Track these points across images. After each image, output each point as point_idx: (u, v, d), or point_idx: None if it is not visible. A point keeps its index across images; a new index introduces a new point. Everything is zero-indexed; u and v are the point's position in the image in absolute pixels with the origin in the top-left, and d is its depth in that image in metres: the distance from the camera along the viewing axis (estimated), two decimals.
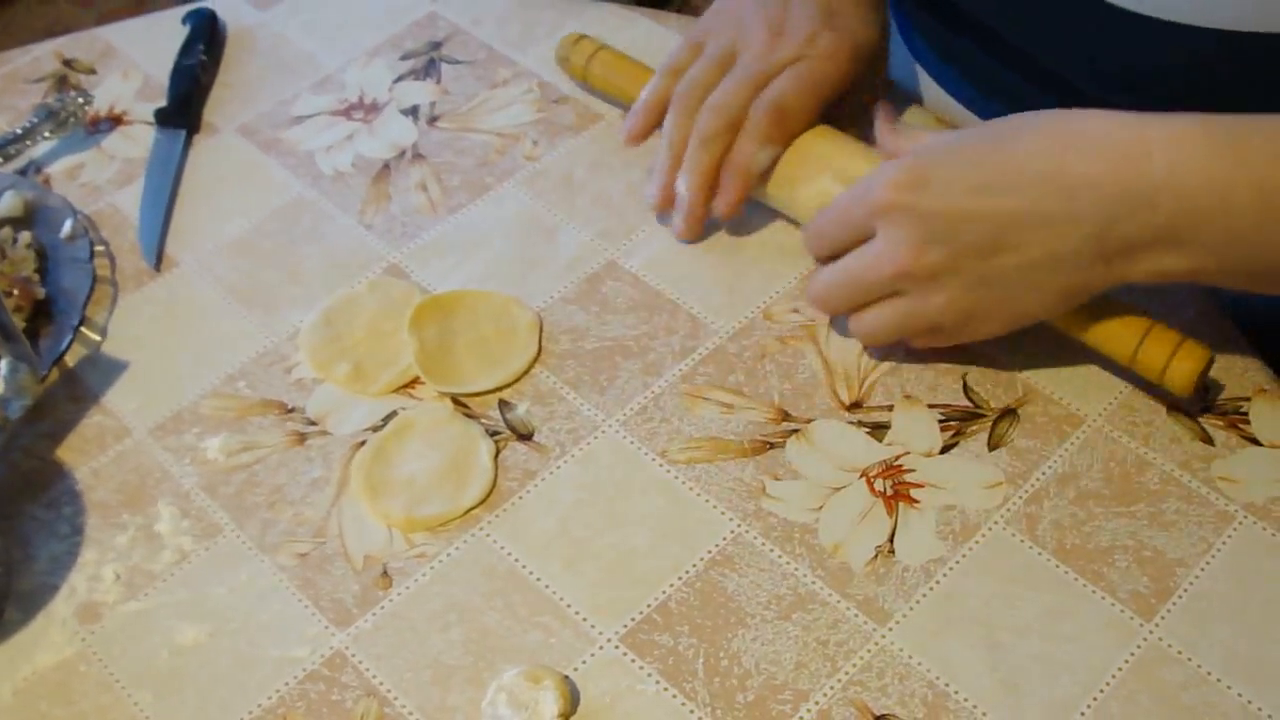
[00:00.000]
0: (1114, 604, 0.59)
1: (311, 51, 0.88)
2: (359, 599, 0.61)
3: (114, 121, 0.84)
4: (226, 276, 0.75)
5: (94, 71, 0.88)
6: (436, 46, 0.87)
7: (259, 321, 0.73)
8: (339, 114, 0.84)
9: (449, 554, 0.63)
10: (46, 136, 0.82)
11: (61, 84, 0.87)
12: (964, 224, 0.60)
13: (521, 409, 0.68)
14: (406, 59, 0.87)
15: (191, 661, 0.60)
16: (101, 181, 0.81)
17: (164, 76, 0.86)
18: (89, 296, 0.73)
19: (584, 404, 0.68)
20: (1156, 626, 0.59)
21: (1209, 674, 0.57)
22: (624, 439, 0.66)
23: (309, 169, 0.80)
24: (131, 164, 0.81)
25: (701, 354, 0.70)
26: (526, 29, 0.88)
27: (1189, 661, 0.57)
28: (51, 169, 0.82)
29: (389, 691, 0.58)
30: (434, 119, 0.83)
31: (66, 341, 0.71)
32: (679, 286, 0.73)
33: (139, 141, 0.83)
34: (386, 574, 0.62)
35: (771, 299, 0.72)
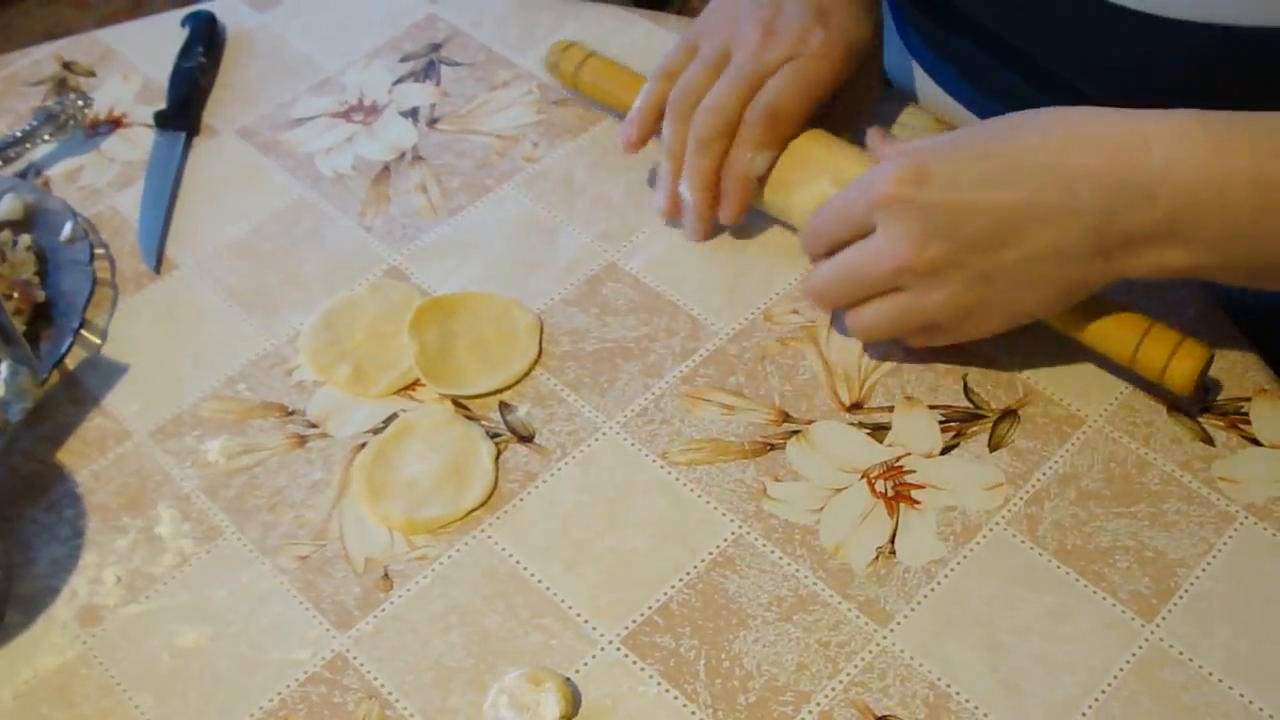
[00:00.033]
0: (1115, 604, 0.59)
1: (311, 54, 0.88)
2: (360, 601, 0.61)
3: (113, 124, 0.84)
4: (226, 279, 0.75)
5: (93, 74, 0.88)
6: (436, 48, 0.87)
7: (259, 324, 0.73)
8: (339, 116, 0.84)
9: (450, 556, 0.63)
10: (46, 139, 0.82)
11: (61, 87, 0.87)
12: (965, 217, 0.60)
13: (522, 411, 0.68)
14: (406, 61, 0.87)
15: (192, 664, 0.60)
16: (101, 184, 0.81)
17: (163, 79, 0.86)
18: (89, 299, 0.73)
19: (584, 406, 0.68)
20: (1158, 627, 0.59)
21: (1210, 674, 0.57)
22: (625, 441, 0.66)
23: (309, 171, 0.80)
24: (131, 166, 0.81)
25: (702, 355, 0.70)
26: (526, 31, 0.88)
27: (1190, 662, 0.57)
28: (51, 172, 0.82)
29: (390, 694, 0.58)
30: (434, 121, 0.83)
31: (67, 344, 0.71)
32: (679, 288, 0.73)
33: (138, 144, 0.83)
34: (387, 576, 0.62)
35: (772, 300, 0.72)
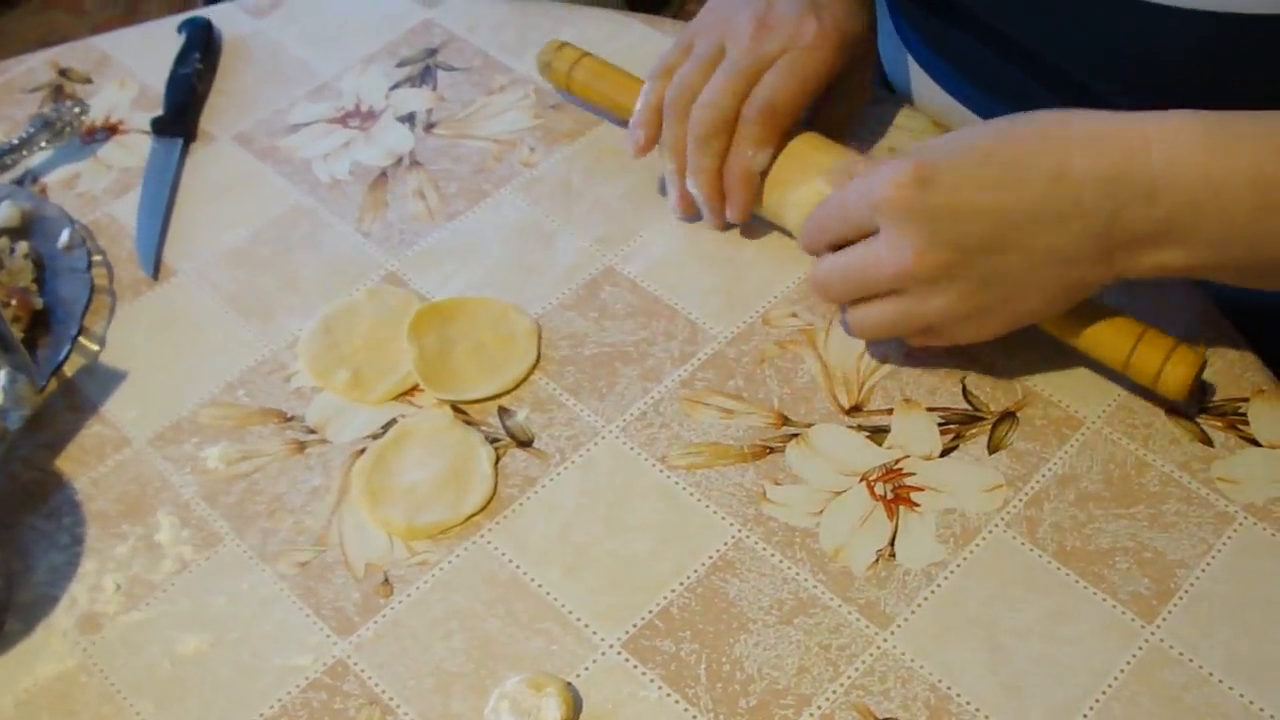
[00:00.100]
0: (1115, 606, 0.59)
1: (307, 59, 0.88)
2: (360, 607, 0.61)
3: (110, 131, 0.84)
4: (224, 285, 0.75)
5: (90, 81, 0.88)
6: (432, 53, 0.87)
7: (257, 330, 0.73)
8: (335, 122, 0.84)
9: (450, 561, 0.63)
10: (43, 146, 0.81)
11: (57, 94, 0.87)
12: (970, 221, 0.60)
13: (521, 415, 0.68)
14: (403, 66, 0.87)
15: (193, 671, 0.60)
16: (98, 191, 0.81)
17: (160, 85, 0.85)
18: (87, 306, 0.73)
19: (583, 410, 0.68)
20: (1158, 628, 0.59)
21: (1211, 675, 0.57)
22: (624, 445, 0.66)
23: (306, 177, 0.80)
24: (128, 173, 0.81)
25: (701, 359, 0.70)
26: (522, 35, 0.88)
27: (1190, 662, 0.58)
28: (48, 179, 0.82)
29: (391, 700, 0.58)
30: (431, 126, 0.83)
31: (65, 351, 0.71)
32: (677, 292, 0.73)
33: (135, 151, 0.83)
34: (387, 582, 0.62)
35: (770, 304, 0.72)
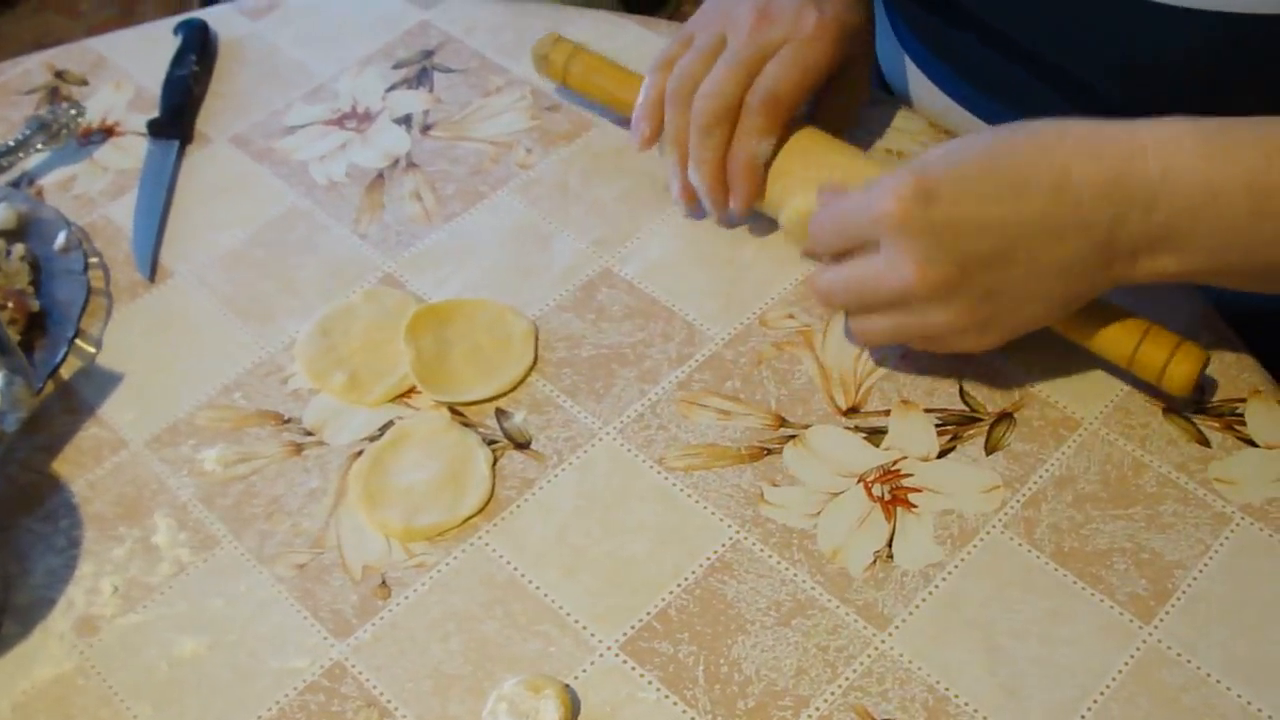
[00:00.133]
0: (1113, 606, 0.59)
1: (304, 61, 0.88)
2: (358, 609, 0.61)
3: (106, 133, 0.84)
4: (221, 287, 0.75)
5: (85, 83, 0.87)
6: (429, 55, 0.87)
7: (254, 332, 0.73)
8: (332, 123, 0.83)
9: (448, 563, 0.63)
10: (39, 148, 0.81)
11: (53, 96, 0.87)
12: (972, 236, 0.60)
13: (518, 417, 0.68)
14: (399, 68, 0.87)
15: (190, 673, 0.60)
16: (94, 193, 0.81)
17: (156, 87, 0.85)
18: (83, 309, 0.73)
19: (581, 412, 0.68)
20: (1155, 629, 0.59)
21: (1208, 675, 0.57)
22: (621, 446, 0.66)
23: (302, 179, 0.80)
24: (124, 175, 0.81)
25: (698, 361, 0.70)
26: (519, 37, 0.88)
27: (1188, 663, 0.58)
28: (44, 181, 0.81)
29: (389, 702, 0.58)
30: (427, 128, 0.83)
31: (61, 354, 0.71)
32: (674, 293, 0.73)
33: (131, 153, 0.83)
34: (385, 584, 0.62)
35: (767, 305, 0.72)
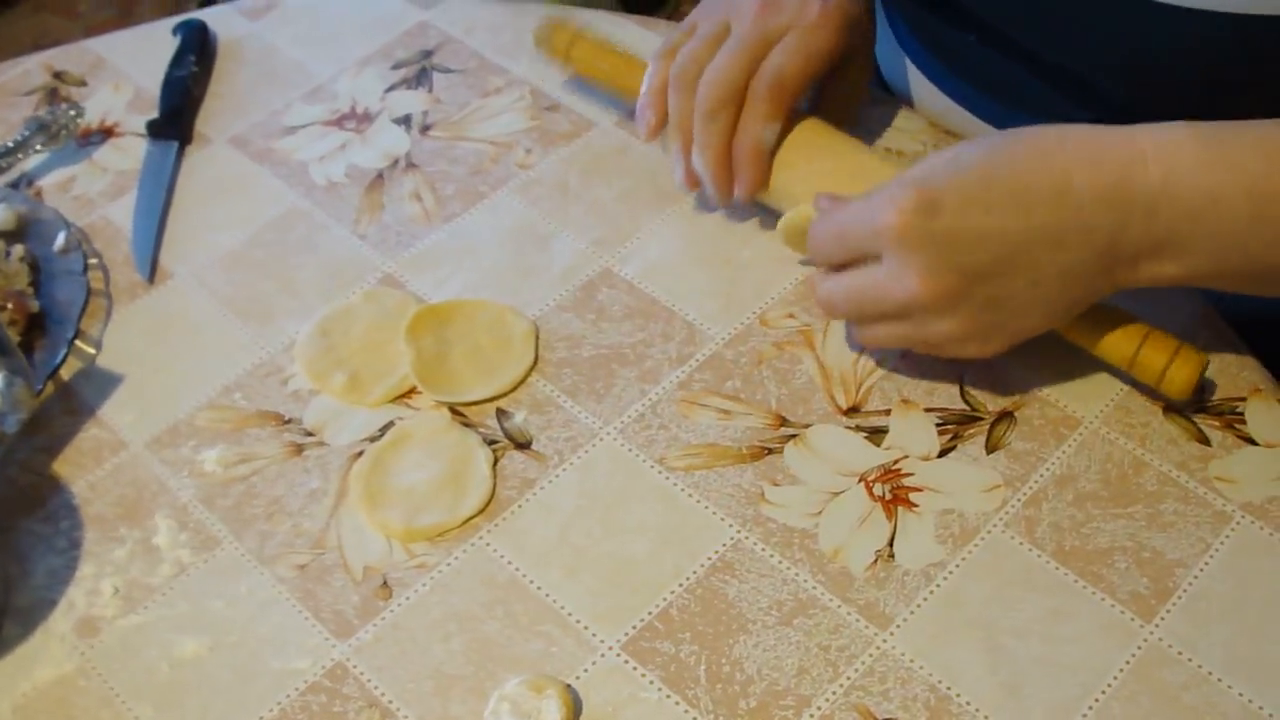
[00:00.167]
0: (1114, 605, 0.59)
1: (302, 61, 0.88)
2: (359, 610, 0.61)
3: (105, 134, 0.84)
4: (221, 288, 0.75)
5: (84, 84, 0.87)
6: (428, 55, 0.87)
7: (254, 333, 0.72)
8: (331, 124, 0.83)
9: (449, 564, 0.63)
10: (38, 149, 0.81)
11: (52, 96, 0.86)
12: (975, 246, 0.59)
13: (519, 418, 0.68)
14: (398, 68, 0.87)
15: (192, 675, 0.60)
16: (94, 194, 0.81)
17: (155, 88, 0.85)
18: (83, 309, 0.73)
19: (581, 412, 0.68)
20: (1156, 627, 0.59)
21: (1210, 674, 0.57)
22: (622, 446, 0.66)
23: (302, 179, 0.80)
24: (124, 176, 0.81)
25: (698, 361, 0.70)
26: (517, 37, 0.88)
27: (1189, 662, 0.58)
28: (43, 182, 0.81)
29: (391, 702, 0.58)
30: (426, 128, 0.83)
31: (61, 355, 0.71)
32: (674, 293, 0.73)
33: (131, 153, 0.83)
34: (386, 584, 0.62)
35: (767, 305, 0.72)
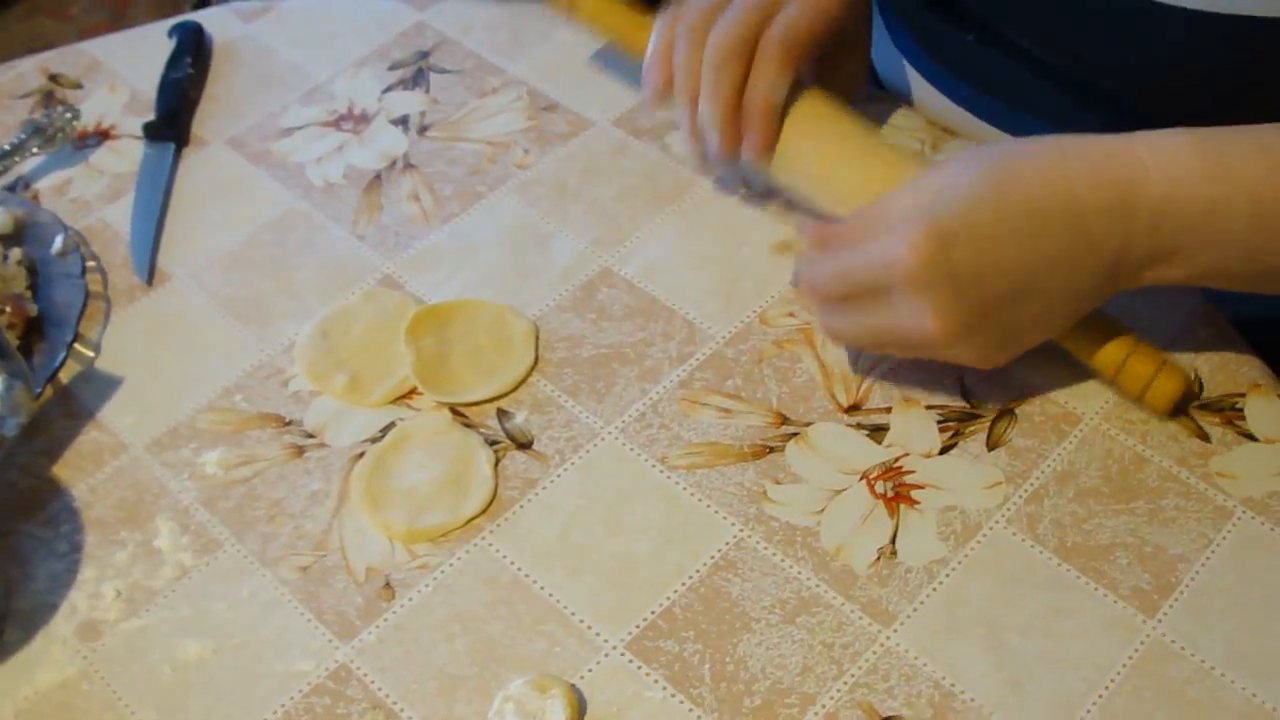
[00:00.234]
0: (1116, 601, 0.60)
1: (299, 63, 0.87)
2: (362, 611, 0.61)
3: (102, 136, 0.84)
4: (220, 290, 0.75)
5: (80, 86, 0.87)
6: (425, 56, 0.87)
7: (254, 334, 0.72)
8: (328, 125, 0.83)
9: (451, 564, 0.63)
10: (34, 152, 0.81)
11: (48, 99, 0.86)
12: (992, 280, 0.59)
13: (520, 418, 0.68)
14: (395, 69, 0.86)
15: (195, 678, 0.60)
16: (90, 196, 0.80)
17: (151, 90, 0.85)
18: (81, 312, 0.73)
19: (582, 411, 0.68)
20: (1159, 623, 0.59)
21: (1213, 669, 0.57)
22: (623, 446, 0.66)
23: (300, 181, 0.80)
24: (120, 178, 0.81)
25: (699, 359, 0.70)
26: (514, 37, 0.88)
27: (1192, 657, 0.58)
28: (40, 185, 0.81)
29: (395, 704, 0.58)
30: (424, 129, 0.82)
31: (60, 358, 0.70)
32: (674, 292, 0.73)
33: (127, 156, 0.82)
34: (389, 585, 0.62)
35: (767, 303, 0.72)
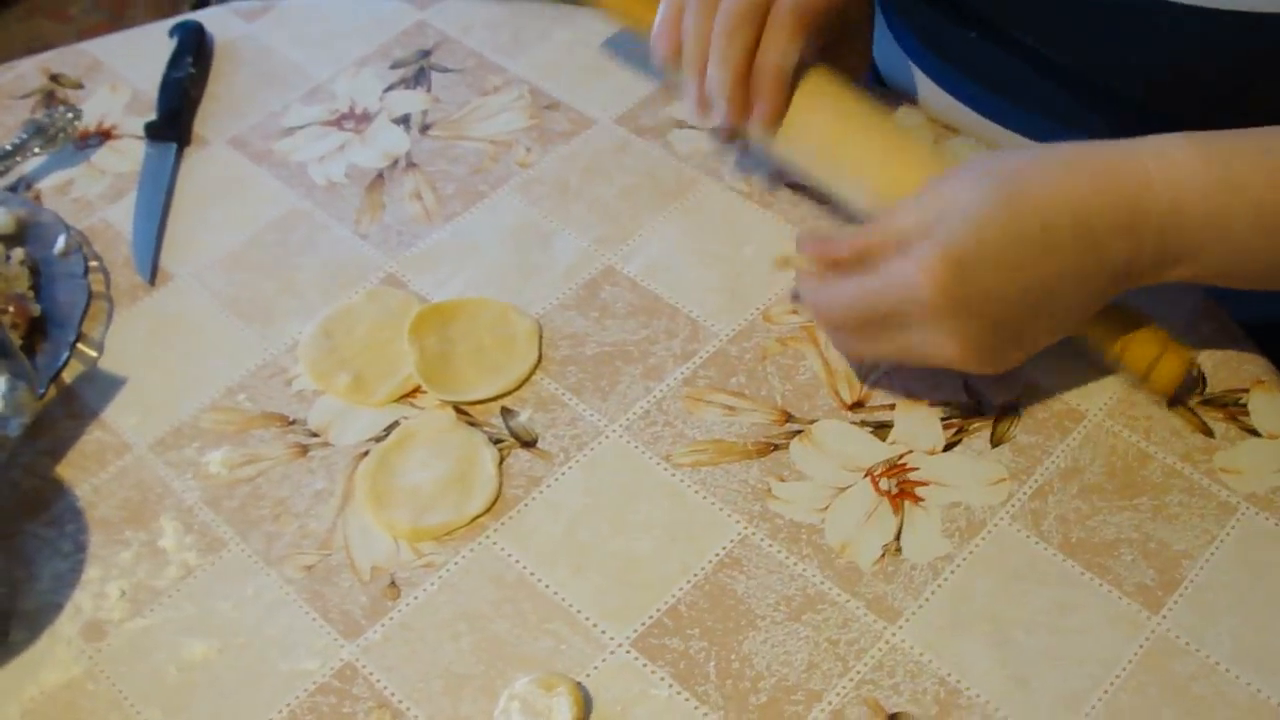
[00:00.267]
0: (1121, 597, 0.60)
1: (300, 62, 0.87)
2: (367, 610, 0.61)
3: (103, 136, 0.84)
4: (222, 290, 0.75)
5: (81, 86, 0.87)
6: (426, 55, 0.87)
7: (257, 334, 0.72)
8: (330, 124, 0.83)
9: (456, 563, 0.63)
10: (36, 152, 0.81)
11: (49, 99, 0.86)
12: (1010, 302, 0.59)
13: (524, 416, 0.68)
14: (396, 68, 0.86)
15: (200, 677, 0.60)
16: (93, 196, 0.80)
17: (152, 90, 0.85)
18: (84, 312, 0.73)
19: (586, 409, 0.68)
20: (1164, 618, 0.59)
21: (1217, 664, 0.57)
22: (628, 444, 0.66)
23: (302, 180, 0.80)
24: (122, 178, 0.81)
25: (702, 357, 0.70)
26: (515, 36, 0.88)
27: (1197, 652, 0.58)
28: (42, 185, 0.81)
29: (400, 702, 0.58)
30: (426, 127, 0.82)
31: (63, 358, 0.70)
32: (678, 290, 0.73)
33: (129, 156, 0.82)
34: (394, 584, 0.62)
35: (770, 301, 0.72)
